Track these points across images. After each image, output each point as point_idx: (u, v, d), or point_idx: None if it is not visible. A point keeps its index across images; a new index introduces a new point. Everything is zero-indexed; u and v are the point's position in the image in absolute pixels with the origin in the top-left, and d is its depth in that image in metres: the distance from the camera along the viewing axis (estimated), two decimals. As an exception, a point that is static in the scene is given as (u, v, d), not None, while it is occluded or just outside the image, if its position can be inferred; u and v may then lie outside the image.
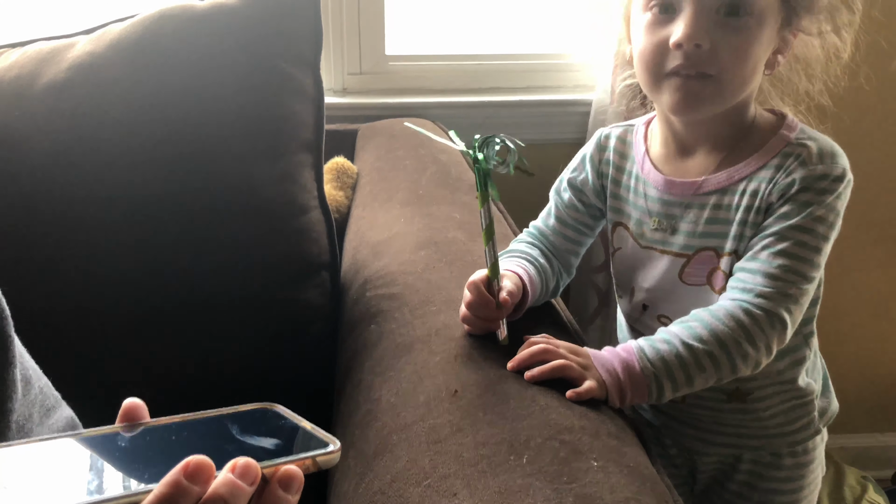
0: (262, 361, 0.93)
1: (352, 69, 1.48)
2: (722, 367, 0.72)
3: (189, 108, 0.90)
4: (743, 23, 0.73)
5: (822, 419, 0.89)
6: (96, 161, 0.89)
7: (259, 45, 0.93)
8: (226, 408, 0.44)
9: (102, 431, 0.40)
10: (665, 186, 0.83)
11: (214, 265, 0.91)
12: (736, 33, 0.73)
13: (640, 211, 0.85)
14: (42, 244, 0.89)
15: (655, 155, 0.86)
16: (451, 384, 0.66)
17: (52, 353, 0.58)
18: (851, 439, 1.75)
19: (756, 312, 0.72)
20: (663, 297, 0.85)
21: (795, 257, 0.74)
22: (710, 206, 0.80)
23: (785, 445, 0.88)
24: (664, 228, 0.83)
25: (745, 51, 0.74)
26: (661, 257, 0.84)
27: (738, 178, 0.79)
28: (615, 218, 0.89)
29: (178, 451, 0.37)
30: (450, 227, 0.97)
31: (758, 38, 0.74)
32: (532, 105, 1.49)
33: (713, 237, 0.80)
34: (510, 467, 0.55)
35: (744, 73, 0.75)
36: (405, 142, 1.27)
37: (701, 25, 0.73)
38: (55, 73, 0.91)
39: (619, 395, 0.70)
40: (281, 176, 0.94)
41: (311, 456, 0.39)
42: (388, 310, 0.83)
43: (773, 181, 0.76)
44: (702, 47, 0.73)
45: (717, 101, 0.77)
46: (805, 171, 0.75)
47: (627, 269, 0.89)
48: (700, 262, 0.81)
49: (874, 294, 1.64)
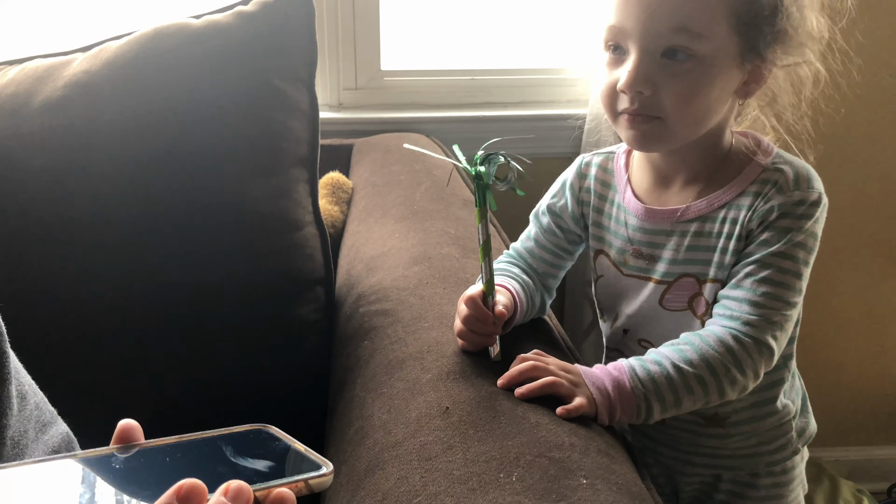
0: (255, 377, 0.94)
1: (347, 84, 1.50)
2: (710, 390, 0.73)
3: (183, 125, 0.91)
4: (685, 67, 0.72)
5: (800, 439, 0.89)
6: (91, 178, 0.89)
7: (253, 62, 0.94)
8: (219, 429, 0.44)
9: (97, 453, 0.40)
10: (645, 215, 0.83)
11: (209, 281, 0.91)
12: (678, 77, 0.73)
13: (622, 239, 0.86)
14: (37, 261, 0.89)
15: (637, 184, 0.86)
16: (442, 401, 0.67)
17: (45, 369, 0.58)
18: (846, 452, 1.75)
19: (745, 340, 0.73)
20: (643, 323, 0.86)
21: (779, 284, 0.75)
22: (691, 233, 0.80)
23: (763, 465, 0.88)
24: (645, 256, 0.84)
25: (689, 94, 0.73)
26: (643, 284, 0.84)
27: (718, 206, 0.79)
28: (597, 246, 0.89)
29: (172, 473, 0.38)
30: (444, 242, 0.97)
31: (704, 79, 0.73)
32: (526, 119, 1.50)
33: (694, 264, 0.81)
34: (500, 485, 0.55)
35: (692, 115, 0.75)
36: (400, 156, 1.28)
37: (643, 71, 0.73)
38: (51, 91, 0.92)
39: (608, 413, 0.71)
40: (275, 192, 0.94)
41: (304, 478, 0.39)
42: (381, 326, 0.83)
43: (752, 208, 0.77)
44: (643, 93, 0.74)
45: (669, 140, 0.78)
46: (783, 198, 0.76)
47: (610, 296, 0.89)
48: (681, 288, 0.82)
49: (869, 308, 1.65)
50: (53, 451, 0.55)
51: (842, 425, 1.74)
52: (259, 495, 0.37)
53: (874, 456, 1.76)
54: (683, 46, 0.72)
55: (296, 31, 0.97)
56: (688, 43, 0.72)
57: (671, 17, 0.71)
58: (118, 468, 0.39)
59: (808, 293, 1.57)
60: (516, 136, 1.47)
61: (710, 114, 0.76)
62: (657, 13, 0.71)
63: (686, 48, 0.72)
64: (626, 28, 0.73)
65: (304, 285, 0.96)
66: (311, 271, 0.97)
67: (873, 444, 1.77)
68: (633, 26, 0.73)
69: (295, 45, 0.97)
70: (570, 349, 0.85)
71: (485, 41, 1.56)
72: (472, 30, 1.56)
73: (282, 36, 0.96)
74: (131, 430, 0.42)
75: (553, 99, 1.56)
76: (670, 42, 0.72)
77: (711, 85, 0.74)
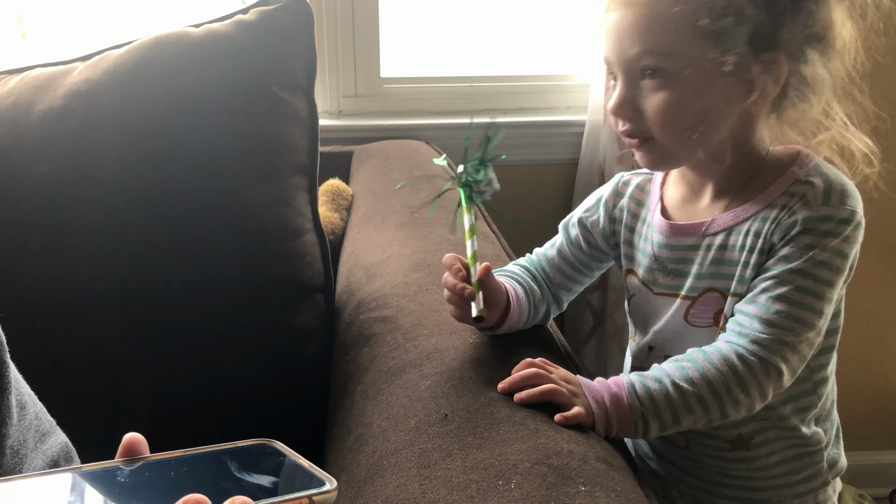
0: (255, 384, 0.94)
1: (347, 92, 1.50)
2: (711, 410, 0.72)
3: (183, 133, 0.91)
4: (661, 83, 0.73)
5: (830, 471, 0.85)
6: (91, 187, 0.90)
7: (253, 70, 0.94)
8: (224, 443, 0.44)
9: (102, 466, 0.40)
10: (670, 231, 0.82)
11: (209, 289, 0.91)
12: (656, 96, 0.74)
13: (648, 258, 0.85)
14: (36, 270, 0.89)
15: (669, 199, 0.85)
16: (441, 408, 0.67)
17: (45, 378, 0.58)
18: (849, 457, 1.73)
19: (750, 359, 0.71)
20: (669, 339, 0.84)
21: (795, 303, 0.72)
22: (715, 246, 0.79)
23: (791, 497, 0.85)
24: (672, 273, 0.82)
25: (668, 110, 0.73)
26: (670, 301, 0.83)
27: (744, 218, 0.77)
28: (627, 265, 0.89)
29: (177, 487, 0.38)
30: (444, 249, 0.97)
31: (682, 94, 0.73)
32: (526, 126, 1.51)
33: (718, 278, 0.79)
34: (498, 492, 0.55)
35: (678, 130, 0.74)
36: (400, 163, 1.28)
37: (625, 96, 0.75)
38: (52, 100, 0.93)
39: (604, 427, 0.70)
40: (275, 199, 0.95)
41: (308, 495, 0.39)
42: (380, 333, 0.83)
43: (776, 221, 0.74)
44: (629, 117, 0.76)
45: (672, 158, 0.79)
46: (808, 212, 0.73)
47: (641, 315, 0.88)
48: (705, 303, 0.80)
49: (872, 312, 1.65)
50: (52, 460, 0.55)
51: (844, 430, 1.73)
52: None
53: (876, 461, 1.76)
54: (654, 66, 0.73)
55: (295, 39, 0.97)
56: (656, 62, 0.73)
57: (637, 42, 0.73)
58: (123, 482, 0.39)
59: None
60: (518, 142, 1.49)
61: (704, 126, 0.74)
62: (625, 41, 0.74)
63: (657, 67, 0.73)
64: (611, 59, 0.77)
65: (303, 292, 0.96)
66: (311, 278, 0.97)
67: (875, 449, 1.76)
68: (613, 56, 0.76)
69: (294, 54, 0.97)
70: (570, 355, 0.85)
71: (484, 48, 1.57)
72: (471, 37, 1.57)
73: (281, 44, 0.96)
74: (137, 443, 0.42)
75: (552, 105, 1.56)
76: (642, 64, 0.74)
77: (693, 98, 0.73)
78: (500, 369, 0.73)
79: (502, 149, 1.51)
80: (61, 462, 0.56)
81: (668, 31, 0.72)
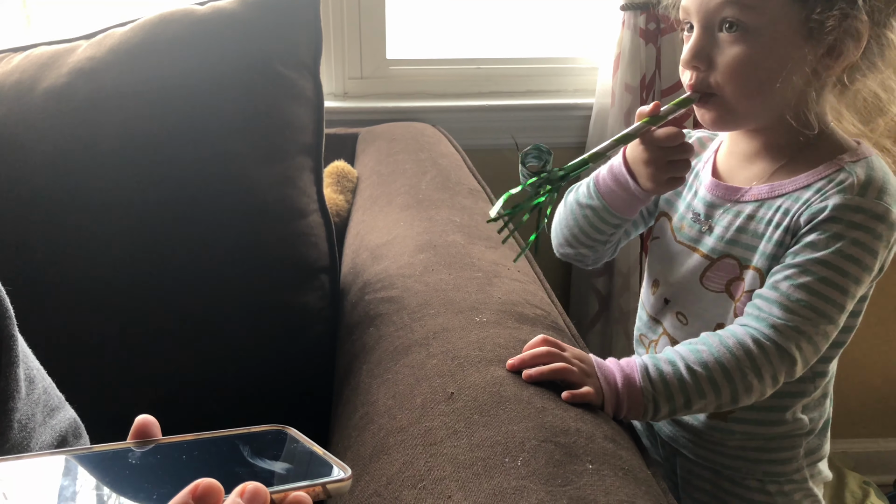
0: (260, 364, 0.94)
1: (352, 73, 1.49)
2: (723, 394, 0.71)
3: (188, 112, 0.90)
4: (738, 38, 0.72)
5: (807, 458, 0.85)
6: (95, 165, 0.89)
7: (258, 49, 0.93)
8: (237, 428, 0.44)
9: (114, 447, 0.40)
10: (711, 187, 0.83)
11: (213, 269, 0.91)
12: (731, 49, 0.73)
13: (686, 206, 0.86)
14: (41, 248, 0.89)
15: (721, 158, 0.85)
16: (447, 386, 0.66)
17: (49, 356, 0.58)
18: (853, 444, 1.75)
19: (766, 343, 0.71)
20: (683, 296, 0.85)
21: (817, 294, 0.71)
22: (744, 215, 0.79)
23: (762, 474, 0.85)
24: (701, 226, 0.83)
25: (740, 66, 0.72)
26: (690, 255, 0.83)
27: (779, 193, 0.76)
28: (664, 207, 0.89)
29: (188, 471, 0.38)
30: (449, 230, 0.97)
31: (756, 51, 0.72)
32: (533, 109, 1.50)
33: (738, 246, 0.79)
34: (505, 469, 0.55)
35: (745, 87, 0.73)
36: (405, 145, 1.27)
37: (702, 46, 0.74)
38: (56, 78, 0.92)
39: (614, 408, 0.70)
40: (280, 180, 0.94)
41: (322, 483, 0.39)
42: (386, 313, 0.83)
43: (807, 202, 0.73)
44: (700, 68, 0.75)
45: (734, 118, 0.77)
46: (841, 199, 0.71)
47: (658, 260, 0.89)
48: (721, 268, 0.80)
49: (876, 302, 1.63)
50: (60, 435, 0.55)
51: (849, 417, 1.73)
52: (276, 498, 0.37)
53: (881, 448, 1.76)
54: (735, 18, 0.72)
55: (300, 18, 0.96)
56: (739, 15, 0.71)
57: None
58: (135, 463, 0.39)
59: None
60: (525, 125, 1.48)
61: (769, 88, 0.73)
62: None
63: (738, 20, 0.72)
64: (689, 7, 0.75)
65: (309, 273, 0.96)
66: (316, 259, 0.97)
67: (880, 437, 1.76)
68: (693, 4, 0.74)
69: (300, 32, 0.96)
70: (576, 337, 0.85)
71: (491, 30, 1.56)
72: (478, 19, 1.56)
73: (286, 23, 0.95)
74: (149, 425, 0.42)
75: (559, 88, 1.55)
76: (722, 15, 0.72)
77: (770, 55, 0.72)
78: (507, 348, 0.73)
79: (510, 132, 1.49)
80: (69, 437, 0.56)
81: None
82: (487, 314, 0.79)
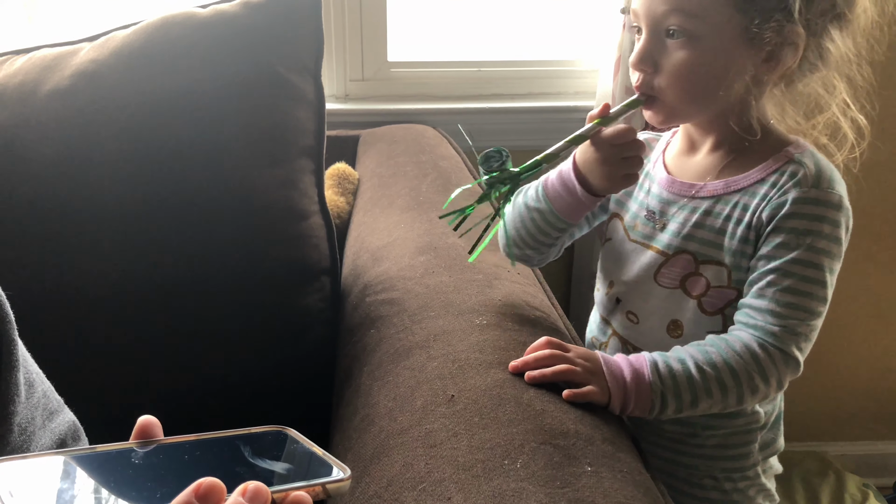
0: (261, 366, 0.94)
1: (354, 76, 1.49)
2: (729, 395, 0.72)
3: (190, 113, 0.91)
4: (684, 44, 0.74)
5: (762, 452, 0.87)
6: (98, 167, 0.90)
7: (260, 51, 0.94)
8: (238, 429, 0.44)
9: (117, 447, 0.41)
10: (667, 184, 0.84)
11: (214, 271, 0.91)
12: (674, 55, 0.75)
13: (639, 205, 0.86)
14: (44, 249, 0.89)
15: (671, 153, 0.87)
16: (447, 389, 0.67)
17: (49, 358, 0.58)
18: (852, 447, 1.75)
19: (770, 349, 0.73)
20: (636, 294, 0.86)
21: (802, 294, 0.73)
22: (701, 210, 0.80)
23: (719, 471, 0.86)
24: (655, 224, 0.84)
25: (683, 72, 0.75)
26: (644, 253, 0.84)
27: (734, 189, 0.79)
28: (615, 209, 0.90)
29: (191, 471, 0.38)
30: (450, 232, 0.97)
31: (699, 58, 0.74)
32: (533, 111, 1.50)
33: (694, 241, 0.80)
34: (504, 472, 0.56)
35: (688, 92, 0.76)
36: (406, 148, 1.28)
37: (649, 50, 0.76)
38: (59, 80, 0.92)
39: (621, 404, 0.71)
40: (281, 182, 0.94)
41: (322, 482, 0.39)
42: (387, 315, 0.83)
43: (766, 198, 0.76)
44: (647, 71, 0.77)
45: (676, 117, 0.80)
46: (799, 192, 0.74)
47: (612, 260, 0.90)
48: (676, 264, 0.81)
49: (875, 301, 1.64)
50: (60, 438, 0.55)
51: (848, 420, 1.73)
52: (277, 497, 0.37)
53: (881, 451, 1.76)
54: (679, 26, 0.74)
55: (302, 20, 0.97)
56: (683, 23, 0.74)
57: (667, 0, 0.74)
58: (137, 463, 0.40)
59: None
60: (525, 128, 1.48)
61: (711, 92, 0.76)
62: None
63: (681, 27, 0.74)
64: (637, 11, 0.77)
65: (309, 275, 0.96)
66: (317, 261, 0.97)
67: (880, 439, 1.76)
68: (641, 9, 0.77)
69: (301, 35, 0.97)
70: (575, 339, 0.85)
71: (492, 33, 1.56)
72: (480, 21, 1.56)
73: (288, 25, 0.96)
74: (151, 426, 0.42)
75: (560, 91, 1.55)
76: (667, 22, 0.74)
77: (712, 61, 0.74)
78: (507, 350, 0.73)
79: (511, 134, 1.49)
80: (69, 440, 0.56)
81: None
82: (488, 316, 0.79)
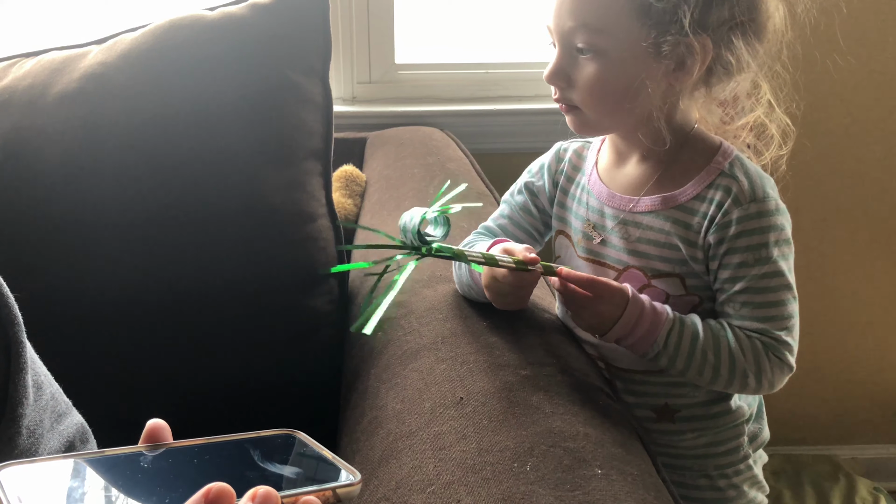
0: (269, 368, 0.94)
1: (361, 78, 1.49)
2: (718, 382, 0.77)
3: (198, 116, 0.91)
4: (592, 58, 0.75)
5: (751, 444, 0.88)
6: (107, 169, 0.90)
7: (268, 54, 0.94)
8: (248, 432, 0.44)
9: (126, 451, 0.40)
10: (606, 198, 0.84)
11: (222, 272, 0.91)
12: (585, 70, 0.76)
13: (581, 221, 0.86)
14: (53, 250, 0.90)
15: (602, 165, 0.87)
16: (456, 391, 0.66)
17: (57, 360, 0.58)
18: (863, 450, 1.74)
19: (773, 357, 0.76)
20: None
21: (777, 304, 0.76)
22: (642, 226, 0.80)
23: (713, 468, 0.87)
24: (600, 240, 0.84)
25: (593, 86, 0.76)
26: (596, 268, 0.84)
27: (672, 205, 0.79)
28: (558, 226, 0.90)
29: (200, 475, 0.38)
30: (457, 234, 0.97)
31: (608, 72, 0.75)
32: (541, 113, 1.49)
33: (640, 256, 0.80)
34: (514, 475, 0.55)
35: (601, 105, 0.77)
36: (413, 150, 1.28)
37: (561, 66, 0.78)
38: (67, 83, 0.93)
39: (631, 324, 0.74)
40: (289, 184, 0.94)
41: (332, 487, 0.39)
42: (394, 317, 0.83)
43: (707, 217, 0.76)
44: (560, 86, 0.78)
45: (596, 128, 0.82)
46: (740, 212, 0.75)
47: None
48: (629, 278, 0.81)
49: (884, 304, 1.63)
50: (68, 441, 0.55)
51: (859, 423, 1.72)
52: (286, 502, 0.37)
53: (892, 454, 1.75)
54: (586, 42, 0.75)
55: (310, 23, 0.97)
56: (590, 39, 0.75)
57: (573, 15, 0.75)
58: (146, 467, 0.39)
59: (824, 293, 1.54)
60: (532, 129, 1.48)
61: (625, 103, 0.76)
62: (563, 13, 0.76)
63: (588, 43, 0.75)
64: (550, 28, 0.79)
65: (317, 277, 0.96)
66: (325, 263, 0.97)
67: (890, 443, 1.75)
68: (552, 26, 0.78)
69: (309, 38, 0.97)
70: (580, 340, 0.85)
71: (499, 35, 1.56)
72: (487, 23, 1.56)
73: (296, 28, 0.96)
74: (160, 429, 0.42)
75: (567, 93, 1.55)
76: (575, 38, 0.76)
77: (621, 75, 0.75)
78: (516, 353, 0.73)
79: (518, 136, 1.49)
80: (77, 443, 0.56)
81: (603, 8, 0.74)
82: (495, 318, 0.79)
